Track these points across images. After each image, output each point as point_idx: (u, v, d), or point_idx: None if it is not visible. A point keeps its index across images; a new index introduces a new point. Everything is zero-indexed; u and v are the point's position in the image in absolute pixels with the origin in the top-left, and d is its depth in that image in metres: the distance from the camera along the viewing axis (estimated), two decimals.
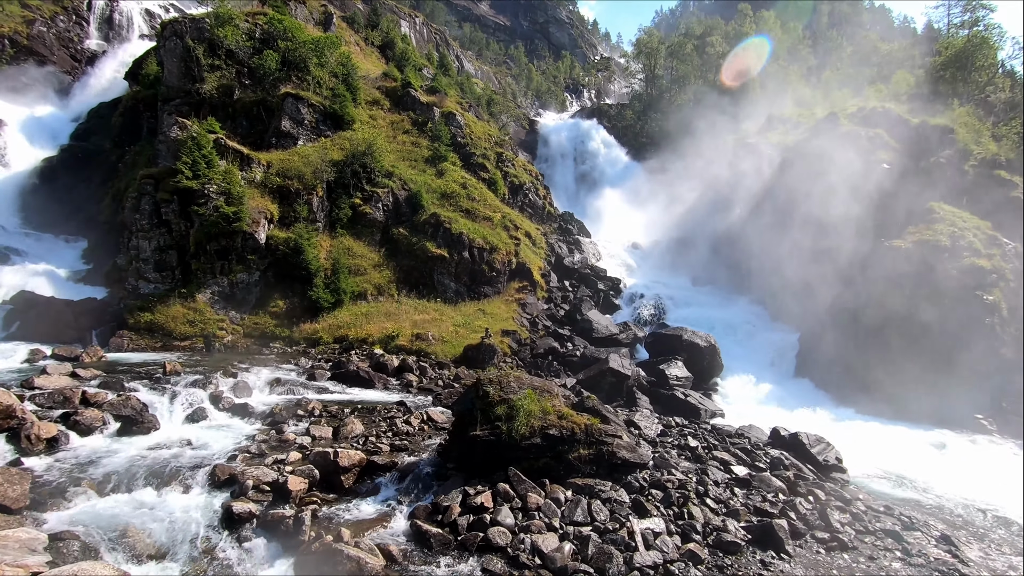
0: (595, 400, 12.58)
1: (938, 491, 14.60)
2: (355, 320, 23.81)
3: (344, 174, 27.92)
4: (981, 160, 28.61)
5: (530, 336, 25.70)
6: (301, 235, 24.07)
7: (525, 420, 10.33)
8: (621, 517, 9.30)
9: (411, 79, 39.68)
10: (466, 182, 33.10)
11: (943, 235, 24.51)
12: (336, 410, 14.08)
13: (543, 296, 31.72)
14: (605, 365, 19.97)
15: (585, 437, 10.59)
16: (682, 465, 11.87)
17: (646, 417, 14.65)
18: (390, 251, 28.22)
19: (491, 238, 29.91)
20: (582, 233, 45.06)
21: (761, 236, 34.31)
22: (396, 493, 10.18)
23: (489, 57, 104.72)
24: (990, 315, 22.16)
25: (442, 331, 23.80)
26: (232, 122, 31.44)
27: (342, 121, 31.57)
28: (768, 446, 14.93)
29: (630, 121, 68.59)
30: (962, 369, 21.67)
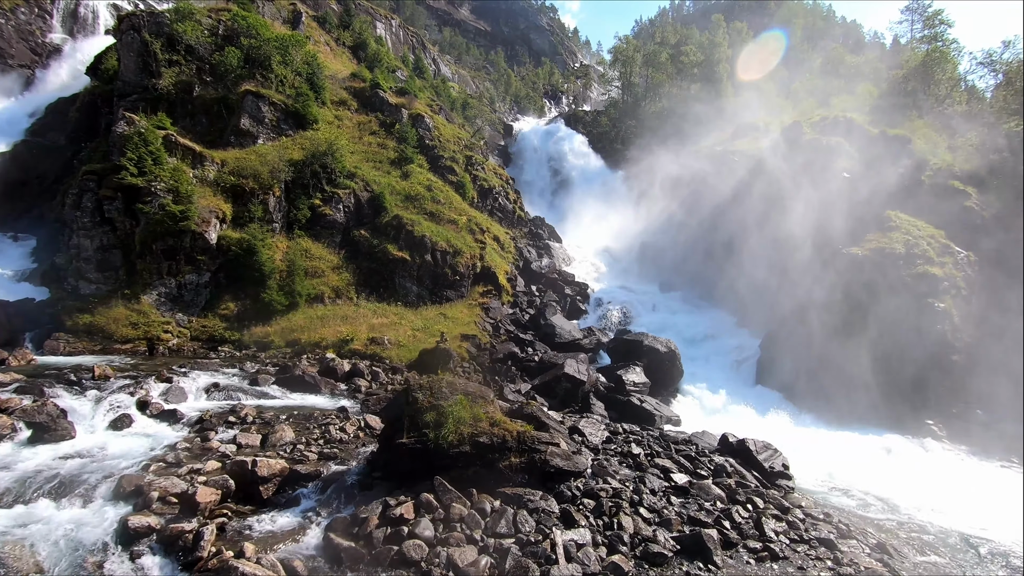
0: (535, 406, 12.27)
1: (883, 497, 14.59)
2: (309, 323, 23.19)
3: (304, 174, 27.30)
4: (937, 170, 29.17)
5: (491, 341, 25.33)
6: (255, 236, 23.39)
7: (454, 427, 9.96)
8: (546, 528, 8.97)
9: (380, 80, 39.18)
10: (432, 184, 32.69)
11: (898, 243, 24.86)
12: (271, 416, 13.52)
13: (508, 300, 31.40)
14: (560, 371, 19.70)
15: (517, 445, 10.26)
16: (621, 473, 11.60)
17: (593, 424, 14.37)
18: (350, 253, 27.64)
19: (455, 241, 29.52)
20: (552, 238, 44.95)
21: (727, 242, 34.60)
22: (316, 504, 9.70)
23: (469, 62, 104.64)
24: (941, 322, 22.46)
25: (399, 335, 23.31)
26: (191, 120, 30.59)
27: (305, 120, 30.93)
28: (715, 453, 14.77)
29: (605, 128, 68.94)
30: (914, 376, 21.91)
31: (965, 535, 12.33)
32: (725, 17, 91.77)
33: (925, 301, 22.84)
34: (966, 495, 14.86)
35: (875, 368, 22.64)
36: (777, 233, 29.82)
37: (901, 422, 21.29)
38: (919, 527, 12.71)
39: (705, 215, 38.21)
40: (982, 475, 16.95)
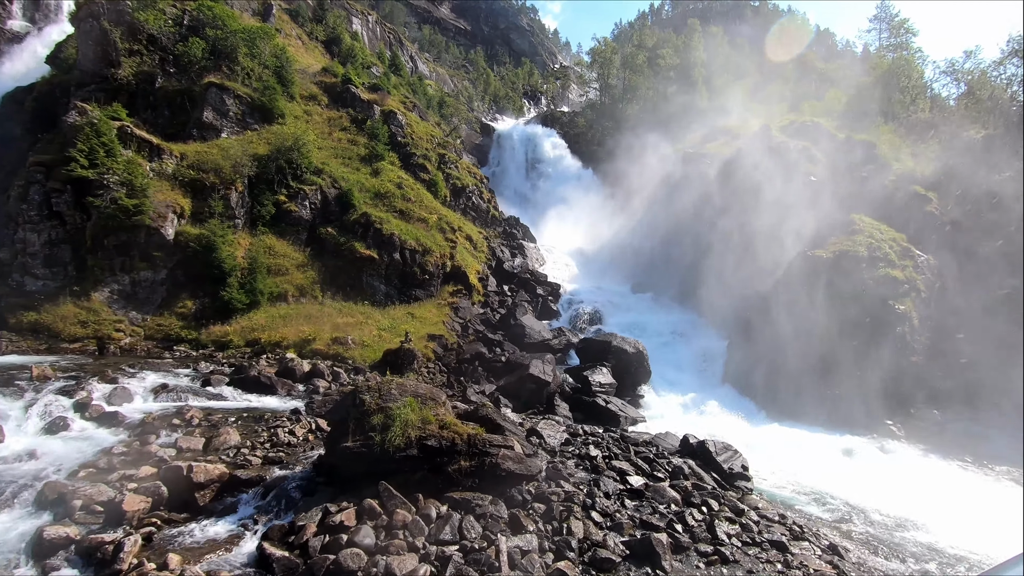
0: (490, 408, 12.02)
1: (841, 498, 14.69)
2: (271, 323, 22.57)
3: (268, 169, 26.61)
4: (900, 175, 29.79)
5: (458, 341, 25.01)
6: (215, 232, 22.68)
7: (401, 430, 9.64)
8: (492, 534, 8.71)
9: (352, 76, 38.54)
10: (402, 182, 32.21)
11: (861, 246, 25.25)
12: (219, 419, 13.01)
13: (479, 300, 31.10)
14: (525, 371, 19.50)
15: (467, 448, 9.98)
16: (577, 476, 11.41)
17: (552, 426, 14.18)
18: (316, 251, 27.04)
19: (425, 240, 29.12)
20: (527, 238, 44.80)
21: (697, 243, 34.84)
22: (255, 512, 9.29)
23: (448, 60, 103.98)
24: (901, 324, 22.87)
25: (364, 335, 22.84)
26: (153, 112, 29.66)
27: (271, 114, 30.20)
28: (676, 454, 14.71)
29: (582, 128, 69.12)
30: (875, 376, 22.24)
31: (918, 535, 12.46)
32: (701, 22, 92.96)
33: (886, 303, 23.23)
34: (920, 495, 15.04)
35: (838, 369, 22.91)
36: (745, 234, 30.13)
37: (863, 422, 21.58)
38: (873, 528, 12.81)
39: (677, 216, 38.44)
40: (935, 475, 17.23)
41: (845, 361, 22.99)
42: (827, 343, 23.44)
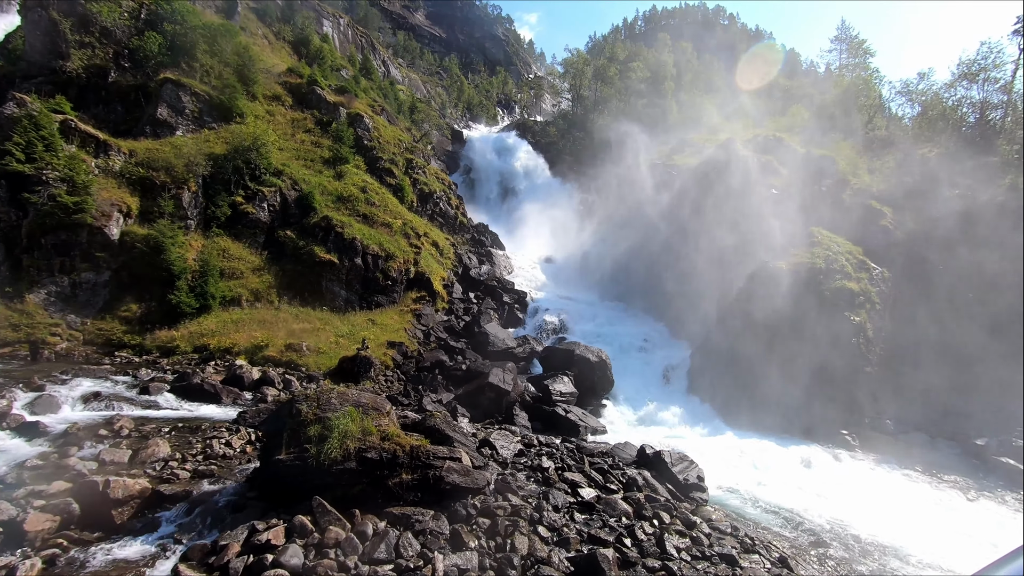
0: (440, 418, 11.59)
1: (794, 509, 14.70)
2: (222, 328, 21.66)
3: (225, 169, 25.70)
4: (857, 190, 30.59)
5: (419, 348, 24.47)
6: (163, 232, 21.70)
7: (339, 442, 9.14)
8: (431, 552, 8.28)
9: (318, 77, 37.79)
10: (367, 186, 31.58)
11: (819, 258, 25.73)
12: (151, 429, 12.24)
13: (444, 307, 30.60)
14: (484, 380, 19.11)
15: (410, 460, 9.53)
16: (527, 488, 11.06)
17: (506, 436, 13.80)
18: (274, 255, 26.18)
19: (388, 245, 28.53)
20: (495, 245, 44.54)
21: (663, 253, 35.12)
22: (176, 530, 8.65)
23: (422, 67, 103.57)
24: (856, 335, 23.30)
25: (320, 342, 22.12)
26: (105, 107, 28.51)
27: (230, 113, 29.26)
28: (632, 465, 14.51)
29: (554, 138, 69.55)
30: (830, 387, 22.58)
31: (863, 545, 12.50)
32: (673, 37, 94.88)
33: (841, 314, 23.66)
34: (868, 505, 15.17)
35: (796, 379, 23.18)
36: (709, 245, 30.46)
37: (819, 432, 21.85)
38: (824, 538, 12.79)
39: (645, 227, 38.74)
40: (886, 485, 17.44)
41: (803, 371, 23.26)
42: (785, 354, 23.71)
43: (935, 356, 23.66)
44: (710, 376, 25.59)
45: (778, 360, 23.83)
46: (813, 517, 14.21)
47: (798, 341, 23.87)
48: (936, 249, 26.65)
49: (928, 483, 17.90)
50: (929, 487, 17.59)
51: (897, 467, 19.17)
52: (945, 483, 17.81)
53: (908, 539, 12.92)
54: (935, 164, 33.08)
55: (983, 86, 37.56)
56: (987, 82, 37.24)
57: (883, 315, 24.82)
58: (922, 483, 17.94)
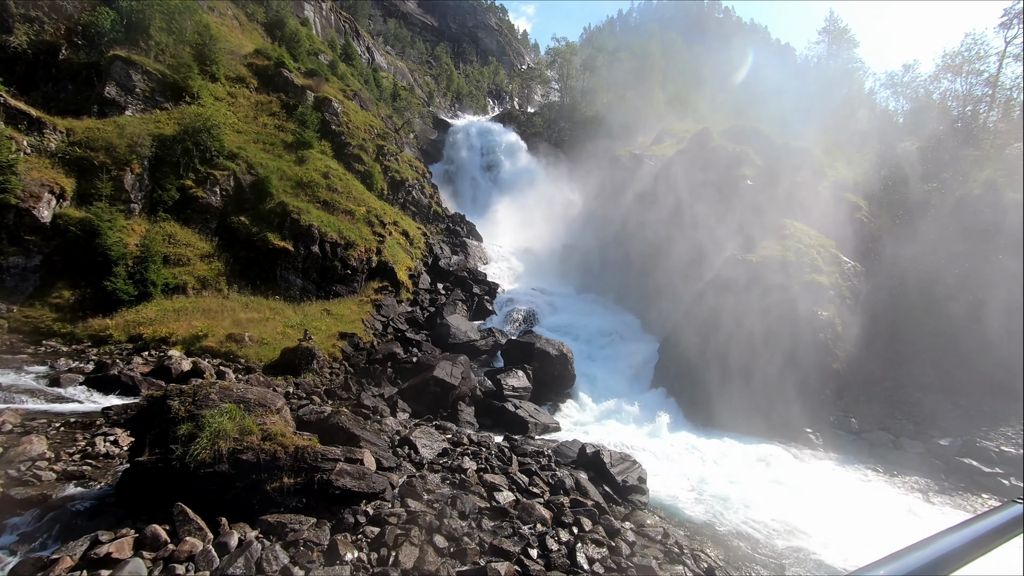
0: (345, 415, 10.72)
1: (741, 508, 13.97)
2: (162, 316, 20.67)
3: (173, 151, 24.58)
4: (834, 182, 29.80)
5: (373, 340, 23.54)
6: (100, 216, 20.62)
7: (209, 442, 8.24)
8: (297, 566, 7.42)
9: (285, 59, 36.54)
10: (329, 172, 30.51)
11: (791, 251, 24.94)
12: (39, 425, 11.29)
13: (408, 298, 29.69)
14: (430, 374, 18.23)
15: (293, 463, 8.65)
16: (437, 492, 10.21)
17: (430, 435, 12.93)
18: (226, 241, 25.15)
19: (348, 233, 27.54)
20: (472, 236, 43.63)
21: (638, 245, 34.30)
22: (18, 540, 7.74)
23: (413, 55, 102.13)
24: (824, 330, 22.57)
25: (266, 332, 21.17)
26: (55, 85, 27.29)
27: (185, 93, 28.06)
28: (569, 465, 13.70)
29: (540, 128, 68.51)
30: (796, 383, 21.85)
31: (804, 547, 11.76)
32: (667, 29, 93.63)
33: (810, 309, 22.91)
34: (823, 508, 14.45)
35: (761, 375, 22.44)
36: (680, 237, 29.64)
37: (783, 430, 21.12)
38: (767, 542, 12.06)
39: (622, 217, 37.88)
40: (844, 486, 16.73)
41: (769, 367, 22.52)
42: (751, 348, 22.96)
43: (905, 353, 23.00)
44: (676, 371, 24.82)
45: (744, 355, 23.06)
46: (761, 521, 13.47)
47: (765, 336, 23.11)
48: (909, 243, 25.93)
49: (888, 484, 17.21)
50: (889, 488, 16.90)
51: (858, 467, 18.47)
52: (905, 485, 17.12)
53: (857, 547, 12.18)
54: (915, 157, 32.38)
55: (967, 78, 36.78)
56: (971, 74, 36.44)
57: (854, 310, 24.08)
58: (882, 484, 17.24)
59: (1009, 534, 1.46)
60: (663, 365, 25.78)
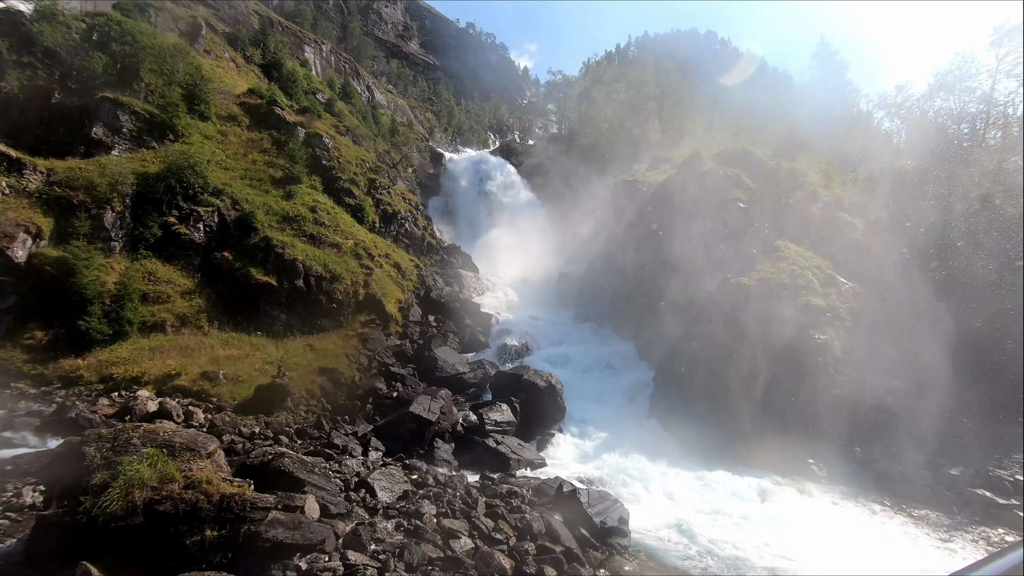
0: (290, 458, 10.00)
1: (732, 550, 12.88)
2: (136, 356, 20.18)
3: (156, 189, 24.56)
4: (828, 203, 29.19)
5: (356, 375, 22.86)
6: (76, 255, 20.42)
7: (122, 492, 7.56)
8: None
9: (277, 97, 37.06)
10: (317, 205, 30.40)
11: (785, 273, 24.19)
12: None
13: (397, 331, 29.05)
14: (406, 409, 17.46)
15: (216, 513, 7.91)
16: (388, 542, 9.38)
17: (391, 476, 12.12)
18: (209, 278, 24.86)
19: (334, 266, 27.19)
20: (466, 267, 43.23)
21: (633, 272, 33.70)
22: None
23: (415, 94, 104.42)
24: (822, 354, 21.59)
25: (243, 369, 20.60)
26: (47, 128, 27.68)
27: (174, 132, 28.30)
28: (545, 506, 12.78)
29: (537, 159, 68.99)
30: (795, 411, 20.80)
31: None
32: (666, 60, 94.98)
33: (807, 332, 22.00)
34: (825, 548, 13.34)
35: (759, 404, 21.44)
36: (673, 262, 29.00)
37: (783, 461, 19.91)
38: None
39: (619, 244, 37.44)
40: (849, 522, 15.57)
41: (767, 395, 21.53)
42: (748, 376, 22.00)
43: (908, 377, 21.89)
44: (671, 400, 23.81)
45: (740, 383, 22.08)
46: (753, 563, 12.40)
47: (763, 363, 22.16)
48: (907, 262, 25.11)
49: (898, 520, 15.99)
50: (898, 524, 15.69)
51: (865, 500, 17.27)
52: (915, 519, 15.91)
53: None
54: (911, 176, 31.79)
55: (960, 96, 36.47)
56: (963, 92, 36.15)
57: (853, 333, 23.11)
58: (891, 520, 16.03)
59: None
60: (657, 395, 24.78)
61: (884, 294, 24.83)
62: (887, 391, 21.89)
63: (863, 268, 25.68)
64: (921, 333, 23.10)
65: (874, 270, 25.73)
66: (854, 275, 25.07)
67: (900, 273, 25.18)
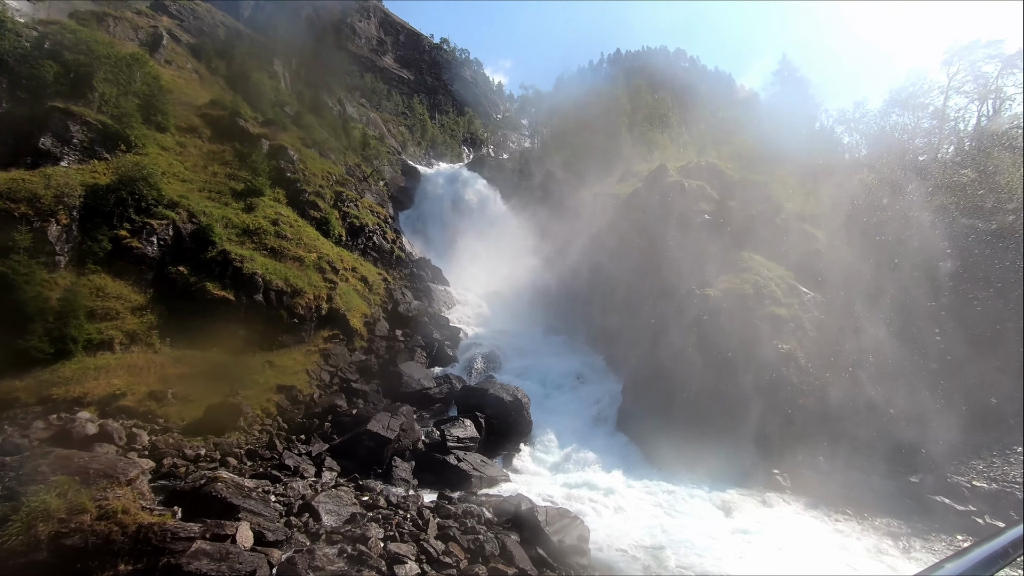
0: (225, 481, 9.44)
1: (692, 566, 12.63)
2: (80, 375, 19.16)
3: (107, 201, 23.65)
4: (791, 214, 29.70)
5: (314, 392, 22.15)
6: (16, 270, 19.40)
7: (24, 525, 6.93)
8: None
9: (241, 108, 36.36)
10: (279, 219, 29.70)
11: (749, 284, 24.40)
12: None
13: (362, 346, 28.36)
14: (363, 427, 16.88)
15: (132, 545, 7.33)
16: (329, 569, 8.85)
17: (338, 499, 11.57)
18: (163, 293, 23.90)
19: (296, 280, 26.49)
20: (437, 280, 42.76)
21: (601, 284, 33.72)
22: None
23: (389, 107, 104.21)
24: (786, 364, 21.73)
25: (194, 389, 19.73)
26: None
27: (127, 144, 27.38)
28: (504, 524, 12.35)
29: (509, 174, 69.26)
30: (761, 422, 20.81)
31: None
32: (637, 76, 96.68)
33: (771, 343, 22.13)
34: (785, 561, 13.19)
35: (726, 415, 21.40)
36: (640, 274, 29.11)
37: (749, 473, 19.89)
38: None
39: (589, 257, 37.51)
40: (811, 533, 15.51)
41: (733, 406, 21.51)
42: (714, 387, 21.99)
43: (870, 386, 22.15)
44: (639, 413, 23.64)
45: (707, 394, 22.07)
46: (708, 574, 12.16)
47: (727, 373, 22.20)
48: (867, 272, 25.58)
49: (858, 528, 16.00)
50: (859, 534, 15.68)
51: (827, 510, 17.26)
52: (876, 529, 15.92)
53: None
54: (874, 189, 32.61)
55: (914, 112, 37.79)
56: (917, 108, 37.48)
57: (817, 342, 23.34)
58: (852, 529, 16.03)
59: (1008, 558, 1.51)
60: (625, 409, 24.59)
61: (845, 304, 25.21)
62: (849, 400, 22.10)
63: (825, 278, 26.09)
64: (882, 342, 23.46)
65: (835, 280, 26.15)
66: (816, 285, 25.43)
67: (860, 283, 25.62)
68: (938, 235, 25.80)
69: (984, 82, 37.40)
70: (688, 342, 23.21)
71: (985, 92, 35.96)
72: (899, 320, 23.64)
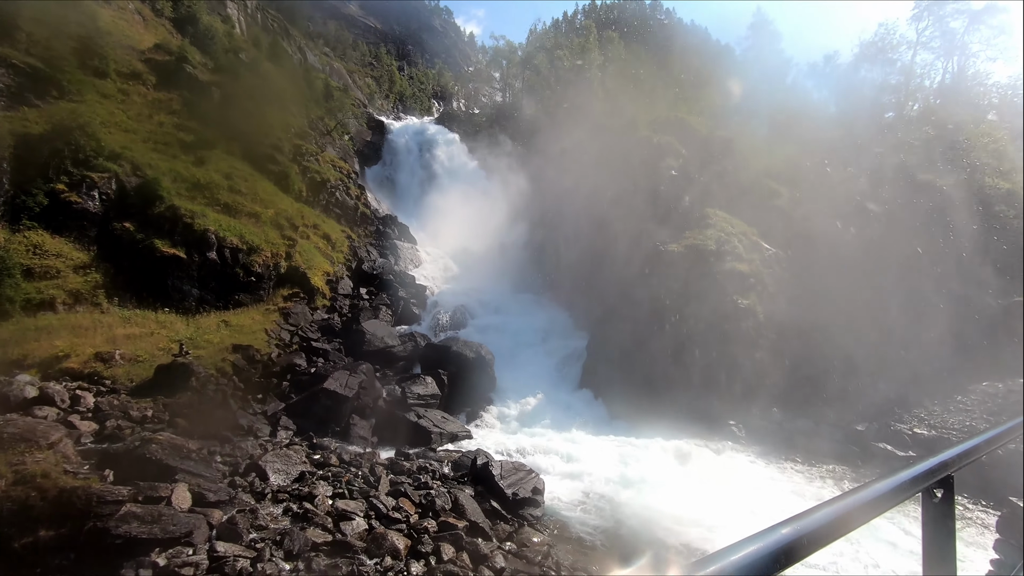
0: (161, 442, 9.10)
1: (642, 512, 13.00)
2: (18, 336, 18.25)
3: (40, 152, 22.08)
4: (756, 171, 29.67)
5: (274, 352, 21.67)
6: None
7: None
8: None
9: (189, 54, 34.05)
10: (233, 172, 28.34)
11: (712, 240, 24.48)
12: None
13: (325, 304, 27.75)
14: (319, 386, 16.63)
15: (53, 510, 7.01)
16: (272, 528, 8.72)
17: (287, 458, 11.38)
18: (108, 251, 22.74)
19: (252, 237, 25.51)
20: (404, 238, 41.93)
21: (569, 240, 33.53)
22: None
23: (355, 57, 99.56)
24: (745, 319, 22.11)
25: (144, 349, 19.04)
26: None
27: (61, 90, 25.44)
28: (461, 479, 12.41)
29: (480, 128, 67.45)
30: (721, 374, 21.30)
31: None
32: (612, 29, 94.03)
33: (731, 298, 22.42)
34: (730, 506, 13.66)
35: (687, 368, 21.83)
36: (607, 230, 28.92)
37: (707, 424, 20.43)
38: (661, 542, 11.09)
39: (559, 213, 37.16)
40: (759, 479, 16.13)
41: (693, 360, 21.93)
42: (675, 342, 22.32)
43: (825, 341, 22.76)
44: (601, 370, 23.95)
45: (669, 349, 22.42)
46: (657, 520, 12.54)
47: (689, 328, 22.52)
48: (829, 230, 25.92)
49: (804, 474, 16.71)
50: (803, 479, 16.38)
51: (777, 459, 17.94)
52: (820, 474, 16.65)
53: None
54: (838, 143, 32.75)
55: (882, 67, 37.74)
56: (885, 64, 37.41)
57: (776, 298, 23.76)
58: (798, 474, 16.73)
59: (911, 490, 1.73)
60: (590, 364, 24.87)
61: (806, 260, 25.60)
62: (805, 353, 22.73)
63: (788, 234, 26.35)
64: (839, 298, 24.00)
65: (797, 237, 26.45)
66: (778, 241, 25.69)
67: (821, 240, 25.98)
68: (901, 193, 26.17)
69: (951, 38, 37.43)
70: (651, 298, 23.37)
71: (951, 48, 36.01)
72: (858, 278, 24.11)
